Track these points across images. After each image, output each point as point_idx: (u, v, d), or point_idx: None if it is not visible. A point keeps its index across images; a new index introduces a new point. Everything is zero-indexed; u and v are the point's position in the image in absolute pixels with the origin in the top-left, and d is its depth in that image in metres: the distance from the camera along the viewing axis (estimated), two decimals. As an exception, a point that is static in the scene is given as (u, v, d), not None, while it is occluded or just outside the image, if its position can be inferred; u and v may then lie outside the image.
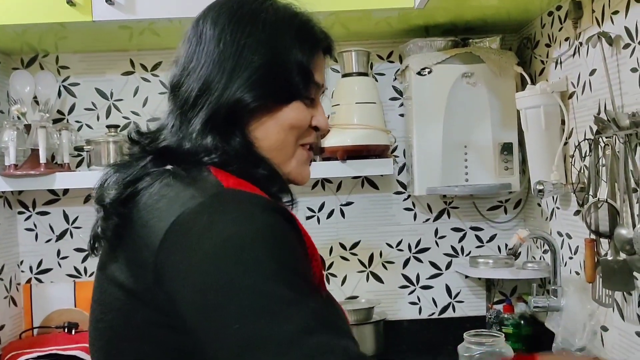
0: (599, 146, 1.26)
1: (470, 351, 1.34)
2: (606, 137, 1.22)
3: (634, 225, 1.13)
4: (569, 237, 1.54)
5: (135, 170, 0.79)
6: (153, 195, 0.75)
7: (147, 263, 0.71)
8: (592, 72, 1.36)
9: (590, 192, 1.29)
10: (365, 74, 1.77)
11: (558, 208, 1.60)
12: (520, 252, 1.53)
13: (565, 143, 1.50)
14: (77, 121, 1.88)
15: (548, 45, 1.63)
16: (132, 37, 1.75)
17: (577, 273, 1.49)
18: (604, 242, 1.24)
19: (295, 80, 0.83)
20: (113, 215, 0.76)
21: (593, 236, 1.25)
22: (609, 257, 1.19)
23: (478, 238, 1.90)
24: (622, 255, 1.16)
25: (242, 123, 0.81)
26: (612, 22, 1.26)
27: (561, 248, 1.57)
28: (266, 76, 0.81)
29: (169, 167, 0.78)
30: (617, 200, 1.18)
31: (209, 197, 0.72)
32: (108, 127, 1.80)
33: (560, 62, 1.54)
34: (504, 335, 1.42)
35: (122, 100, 1.89)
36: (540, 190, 1.44)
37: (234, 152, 0.78)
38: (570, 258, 1.53)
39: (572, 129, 1.48)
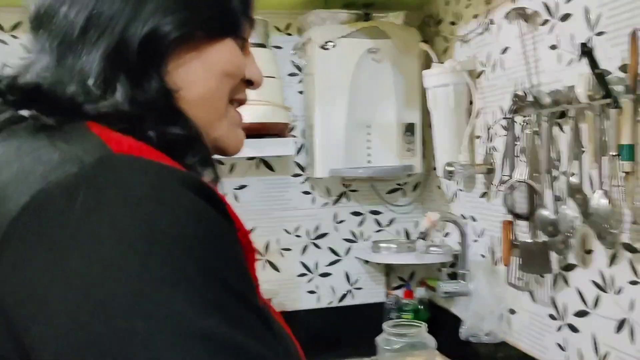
0: (515, 126, 1.23)
1: (390, 343, 1.26)
2: (525, 116, 1.18)
3: (555, 206, 1.10)
4: (474, 219, 1.51)
5: None
6: (6, 152, 0.48)
7: None
8: (505, 50, 1.33)
9: (505, 173, 1.26)
10: (264, 45, 1.62)
11: (461, 190, 1.57)
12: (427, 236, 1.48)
13: (473, 124, 1.46)
14: None
15: (453, 24, 1.59)
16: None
17: (483, 256, 1.47)
18: (521, 224, 1.21)
19: (233, 6, 0.60)
20: None
21: (510, 218, 1.22)
22: (528, 240, 1.16)
23: (377, 222, 1.84)
24: (542, 237, 1.14)
25: (158, 62, 0.55)
26: (528, -1, 1.23)
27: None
28: None
29: (24, 112, 0.50)
30: (536, 181, 1.16)
31: (88, 165, 0.44)
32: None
33: (467, 40, 1.50)
34: (425, 324, 1.36)
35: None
36: (450, 172, 1.40)
37: (147, 103, 0.53)
38: (475, 241, 1.51)
39: (480, 109, 1.45)
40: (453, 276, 1.57)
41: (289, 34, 1.76)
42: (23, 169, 0.45)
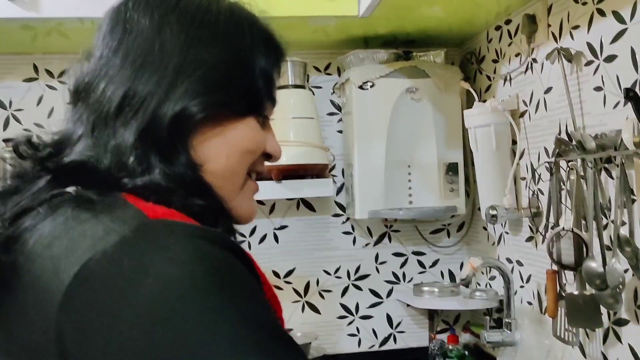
0: (560, 170, 1.17)
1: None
2: (569, 161, 1.13)
3: (603, 258, 1.03)
4: (520, 264, 1.44)
5: (24, 197, 0.55)
6: (45, 235, 0.52)
7: (43, 342, 0.48)
8: (548, 90, 1.28)
9: (551, 220, 1.20)
10: (302, 87, 1.62)
11: (507, 233, 1.51)
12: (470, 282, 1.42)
13: (517, 164, 1.41)
14: (-32, 133, 1.62)
15: (495, 61, 1.54)
16: (36, 38, 1.52)
17: (530, 303, 1.39)
18: (568, 273, 1.14)
19: (257, 88, 0.64)
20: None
21: (555, 267, 1.15)
22: (575, 292, 1.09)
23: (420, 263, 1.79)
24: (589, 290, 1.07)
25: (185, 138, 0.59)
26: (572, 38, 1.18)
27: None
28: (222, 79, 0.61)
29: (70, 189, 0.55)
30: (583, 229, 1.09)
31: (131, 231, 0.49)
32: (5, 140, 1.55)
33: (510, 79, 1.46)
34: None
35: (22, 110, 1.64)
36: (493, 216, 1.34)
37: (176, 176, 0.57)
38: (522, 287, 1.44)
39: (524, 149, 1.39)
40: (499, 322, 1.50)
41: (329, 74, 1.76)
42: (72, 243, 0.50)
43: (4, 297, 0.52)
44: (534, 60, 1.34)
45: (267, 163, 0.71)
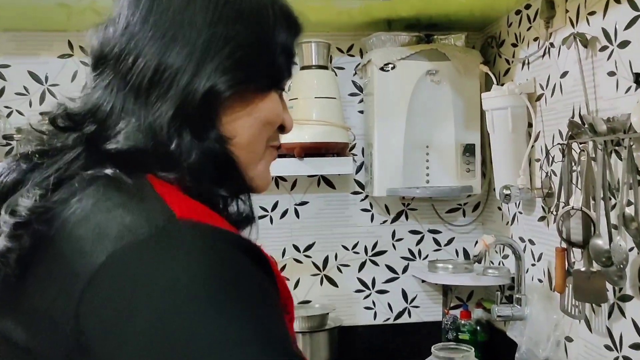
0: (572, 151, 1.21)
1: (438, 366, 1.28)
2: (581, 143, 1.17)
3: (610, 236, 1.08)
4: (532, 243, 1.49)
5: (61, 166, 0.57)
6: (76, 213, 0.54)
7: (62, 318, 0.50)
8: (564, 75, 1.32)
9: (562, 199, 1.25)
10: (325, 67, 1.67)
11: (521, 213, 1.56)
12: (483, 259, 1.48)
13: (532, 146, 1.45)
14: (6, 107, 1.70)
15: (514, 45, 1.58)
16: (70, 16, 1.59)
17: (540, 280, 1.45)
18: (576, 251, 1.19)
19: (279, 64, 0.67)
20: (24, 234, 0.54)
21: (564, 245, 1.20)
22: (582, 268, 1.14)
23: (436, 241, 1.84)
24: (596, 266, 1.12)
25: (214, 115, 0.62)
26: (588, 23, 1.22)
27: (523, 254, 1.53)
28: (248, 56, 0.63)
29: (109, 171, 0.57)
30: (592, 208, 1.14)
31: (158, 229, 0.51)
32: (42, 114, 1.62)
33: (528, 63, 1.49)
34: (473, 349, 1.36)
35: (58, 85, 1.72)
36: (507, 195, 1.39)
37: (206, 151, 0.60)
38: (533, 265, 1.49)
39: (539, 132, 1.43)
40: (510, 299, 1.56)
41: (352, 55, 1.80)
42: (100, 228, 0.52)
43: (31, 266, 0.54)
44: (552, 44, 1.37)
45: (288, 140, 0.76)
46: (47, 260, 0.53)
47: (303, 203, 1.81)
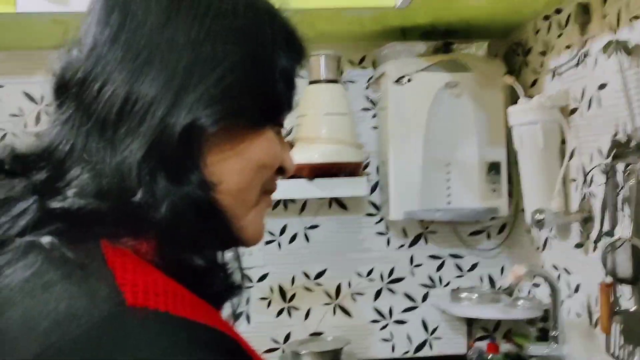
0: (617, 174, 1.07)
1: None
2: (628, 164, 1.03)
3: (666, 273, 0.94)
4: (568, 272, 1.35)
5: (6, 222, 0.47)
6: (5, 292, 0.44)
7: None
8: (602, 86, 1.18)
9: (604, 227, 1.10)
10: (336, 81, 1.55)
11: (554, 238, 1.41)
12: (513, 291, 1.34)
13: (566, 165, 1.31)
14: (0, 128, 1.60)
15: (543, 54, 1.44)
16: (67, 33, 1.48)
17: (579, 315, 1.30)
18: (624, 288, 1.05)
19: (277, 93, 0.55)
20: None
21: (609, 280, 1.06)
22: (632, 308, 1.00)
23: (458, 267, 1.70)
24: (650, 307, 0.98)
25: (196, 154, 0.50)
26: (631, 29, 1.08)
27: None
28: (240, 84, 0.52)
29: (44, 240, 0.45)
30: (642, 240, 1.00)
31: (95, 323, 0.40)
32: (37, 135, 1.53)
33: (559, 73, 1.36)
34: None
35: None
36: (539, 221, 1.25)
37: (186, 198, 0.48)
38: (569, 297, 1.34)
39: (574, 149, 1.29)
40: (543, 333, 1.41)
41: (364, 68, 1.68)
42: (25, 317, 0.42)
43: None
44: (586, 53, 1.23)
45: (296, 160, 0.63)
46: None
47: (313, 226, 1.68)
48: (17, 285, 0.43)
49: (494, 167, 1.53)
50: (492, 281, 1.69)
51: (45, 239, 0.45)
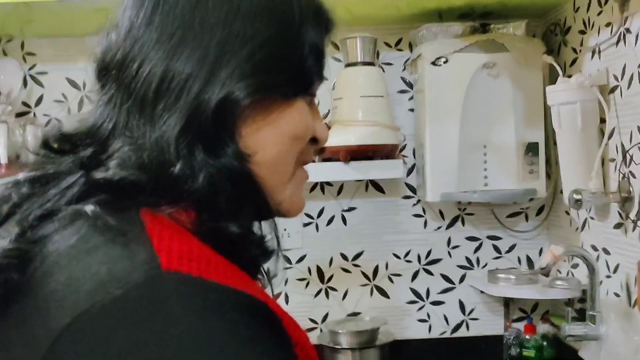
0: (657, 152, 1.06)
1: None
2: (668, 142, 1.01)
3: None
4: (607, 252, 1.34)
5: (50, 197, 0.50)
6: (51, 256, 0.46)
7: None
8: (643, 64, 1.16)
9: (644, 206, 1.09)
10: (372, 64, 1.56)
11: (592, 218, 1.40)
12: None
13: (605, 145, 1.29)
14: (45, 114, 1.67)
15: (582, 32, 1.42)
16: (107, 20, 1.53)
17: (617, 295, 1.29)
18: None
19: (308, 66, 0.57)
20: (10, 267, 0.46)
21: (648, 259, 1.05)
22: (672, 287, 0.99)
23: (496, 248, 1.70)
24: (689, 286, 0.97)
25: (231, 127, 0.53)
26: (673, 4, 1.06)
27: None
28: (271, 58, 0.54)
29: (88, 208, 0.48)
30: (682, 218, 0.98)
31: (132, 288, 0.42)
32: (82, 117, 1.59)
33: (599, 52, 1.34)
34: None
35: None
36: (577, 200, 1.24)
37: (223, 170, 0.51)
38: (608, 277, 1.33)
39: (614, 129, 1.28)
40: (581, 314, 1.40)
41: (400, 50, 1.68)
42: (70, 279, 0.44)
43: (5, 317, 0.47)
44: (627, 30, 1.21)
45: (332, 143, 0.65)
46: (19, 312, 0.46)
47: (350, 209, 1.70)
48: (64, 250, 0.46)
49: (531, 148, 1.52)
50: (530, 262, 1.68)
51: (90, 208, 0.48)
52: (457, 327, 1.70)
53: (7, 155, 1.50)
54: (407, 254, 1.70)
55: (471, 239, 1.70)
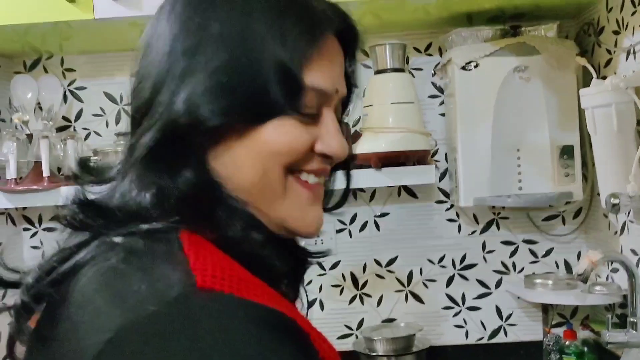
0: (695, 155, 1.03)
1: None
2: None
3: None
4: (647, 257, 1.31)
5: (91, 229, 0.55)
6: (86, 283, 0.50)
7: None
8: (680, 64, 1.13)
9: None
10: (401, 70, 1.55)
11: (632, 222, 1.37)
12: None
13: (642, 147, 1.26)
14: (84, 128, 1.72)
15: (617, 33, 1.39)
16: (141, 34, 1.57)
17: (659, 301, 1.26)
18: None
19: (273, 90, 0.54)
20: (37, 294, 0.53)
21: (689, 265, 1.02)
22: None
23: (532, 252, 1.67)
24: None
25: (199, 149, 0.55)
26: None
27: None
28: (228, 83, 0.54)
29: (118, 239, 0.52)
30: None
31: (166, 304, 0.45)
32: (117, 134, 1.64)
33: (634, 52, 1.31)
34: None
35: (132, 104, 1.72)
36: (614, 205, 1.22)
37: (175, 195, 0.53)
38: (649, 282, 1.30)
39: (651, 130, 1.25)
40: (622, 318, 1.37)
41: (430, 55, 1.68)
42: (117, 294, 0.48)
43: (48, 328, 0.52)
44: (663, 29, 1.19)
45: (363, 150, 0.65)
46: (61, 326, 0.50)
47: (383, 215, 1.70)
48: (108, 271, 0.50)
49: (566, 151, 1.50)
50: (568, 267, 1.66)
51: (118, 238, 0.52)
52: (495, 333, 1.68)
53: (49, 169, 1.55)
54: (441, 259, 1.69)
55: (506, 243, 1.68)
